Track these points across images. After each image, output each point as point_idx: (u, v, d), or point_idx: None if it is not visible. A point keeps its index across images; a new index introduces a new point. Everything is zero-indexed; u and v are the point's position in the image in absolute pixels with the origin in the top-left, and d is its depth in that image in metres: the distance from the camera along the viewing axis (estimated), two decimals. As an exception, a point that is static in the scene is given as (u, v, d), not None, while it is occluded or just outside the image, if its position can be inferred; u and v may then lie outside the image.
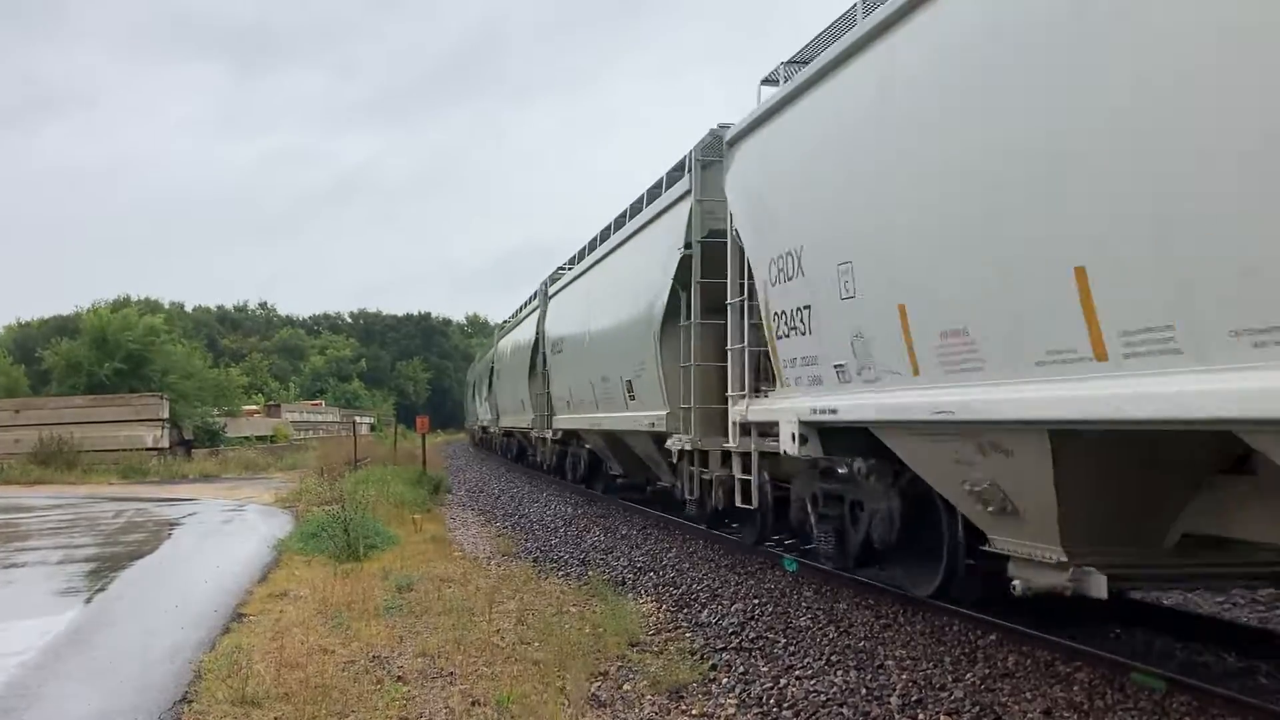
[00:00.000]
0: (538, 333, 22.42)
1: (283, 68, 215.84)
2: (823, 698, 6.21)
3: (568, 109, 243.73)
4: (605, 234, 16.87)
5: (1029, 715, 5.74)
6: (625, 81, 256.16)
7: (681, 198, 12.12)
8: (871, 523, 8.12)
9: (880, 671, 6.71)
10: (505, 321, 33.79)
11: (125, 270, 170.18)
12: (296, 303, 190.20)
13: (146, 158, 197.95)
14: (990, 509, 6.35)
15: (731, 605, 8.98)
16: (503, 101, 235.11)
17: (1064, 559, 5.84)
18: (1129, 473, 5.56)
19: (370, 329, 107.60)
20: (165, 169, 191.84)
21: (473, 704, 6.09)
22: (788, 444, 8.51)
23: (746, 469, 10.09)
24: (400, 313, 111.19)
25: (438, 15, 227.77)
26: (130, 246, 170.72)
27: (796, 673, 6.77)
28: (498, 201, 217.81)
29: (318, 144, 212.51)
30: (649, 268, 13.27)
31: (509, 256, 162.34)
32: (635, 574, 11.02)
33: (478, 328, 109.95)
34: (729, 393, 10.28)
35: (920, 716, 5.85)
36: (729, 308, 10.27)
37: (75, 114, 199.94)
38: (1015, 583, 6.26)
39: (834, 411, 7.77)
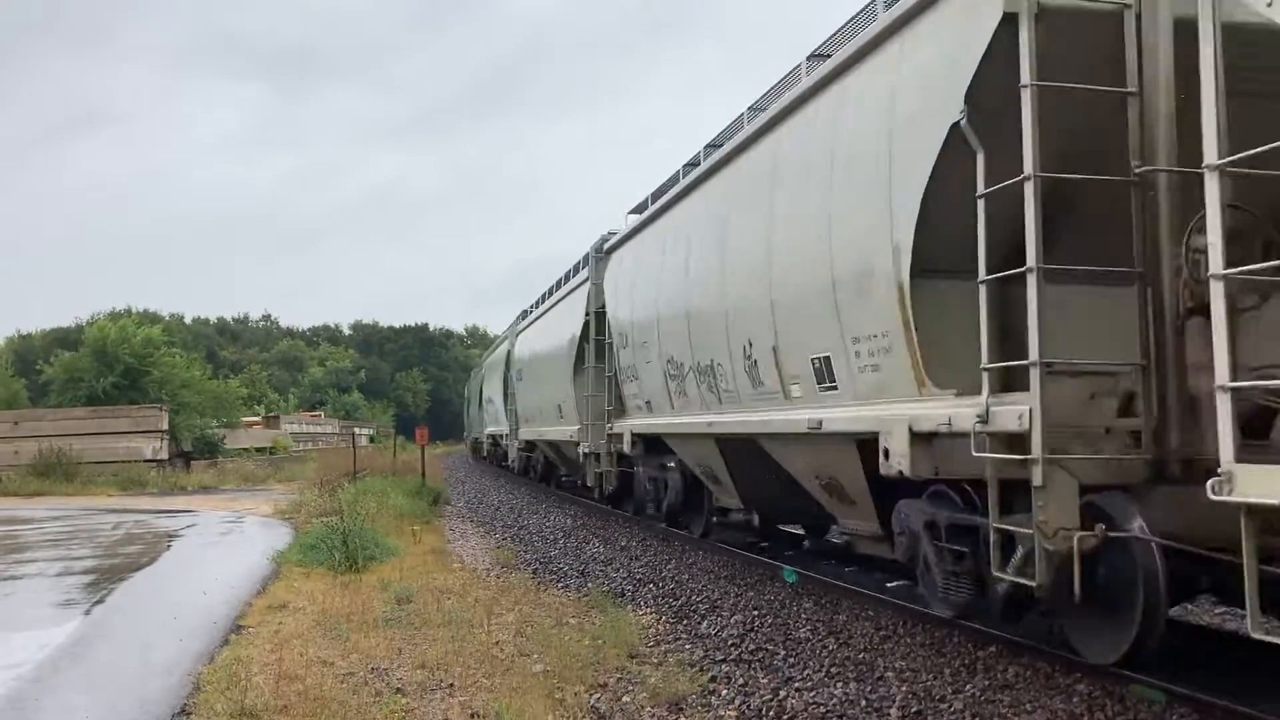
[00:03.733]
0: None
1: (322, 87, 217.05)
2: (822, 709, 6.20)
3: (594, 127, 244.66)
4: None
5: (1029, 727, 5.73)
6: (650, 101, 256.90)
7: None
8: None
9: (880, 683, 6.70)
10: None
11: (137, 285, 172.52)
12: (313, 316, 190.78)
13: (175, 175, 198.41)
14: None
15: (731, 616, 8.97)
16: (532, 119, 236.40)
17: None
18: None
19: (369, 340, 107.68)
20: (193, 186, 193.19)
21: (472, 716, 6.08)
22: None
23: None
24: (399, 324, 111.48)
25: (477, 35, 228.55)
26: (147, 262, 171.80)
27: (796, 684, 6.76)
28: (520, 217, 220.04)
29: (348, 160, 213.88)
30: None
31: (526, 270, 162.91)
32: (635, 585, 11.00)
33: (477, 339, 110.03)
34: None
35: (920, 728, 5.83)
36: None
37: (112, 131, 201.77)
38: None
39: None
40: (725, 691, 6.65)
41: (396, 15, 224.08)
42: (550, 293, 23.19)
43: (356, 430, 51.44)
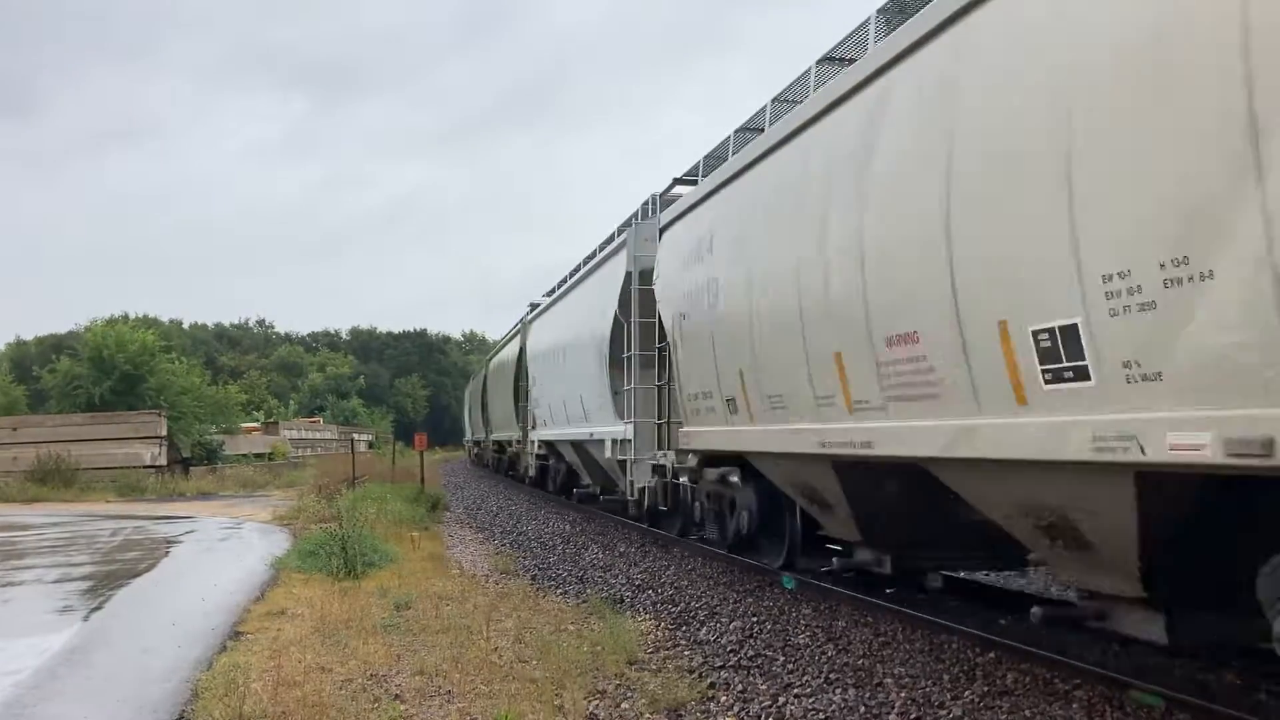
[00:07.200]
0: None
1: (354, 99, 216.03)
2: (821, 716, 6.20)
3: (618, 139, 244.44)
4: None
5: (1028, 733, 5.74)
6: (673, 113, 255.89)
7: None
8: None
9: (879, 689, 6.70)
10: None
11: (145, 293, 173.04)
12: (313, 322, 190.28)
13: (202, 186, 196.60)
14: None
15: (730, 623, 8.96)
16: (557, 131, 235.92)
17: None
18: None
19: (368, 346, 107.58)
20: (219, 197, 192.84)
21: (470, 723, 6.07)
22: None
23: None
24: (397, 329, 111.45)
25: (513, 50, 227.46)
26: (158, 271, 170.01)
27: (795, 691, 6.76)
28: (539, 226, 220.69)
29: (373, 171, 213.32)
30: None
31: (539, 276, 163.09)
32: (634, 592, 11.00)
33: (475, 344, 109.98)
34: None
35: (919, 735, 5.83)
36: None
37: (144, 142, 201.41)
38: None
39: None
40: (724, 698, 6.65)
41: (434, 29, 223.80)
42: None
43: (355, 436, 51.35)
